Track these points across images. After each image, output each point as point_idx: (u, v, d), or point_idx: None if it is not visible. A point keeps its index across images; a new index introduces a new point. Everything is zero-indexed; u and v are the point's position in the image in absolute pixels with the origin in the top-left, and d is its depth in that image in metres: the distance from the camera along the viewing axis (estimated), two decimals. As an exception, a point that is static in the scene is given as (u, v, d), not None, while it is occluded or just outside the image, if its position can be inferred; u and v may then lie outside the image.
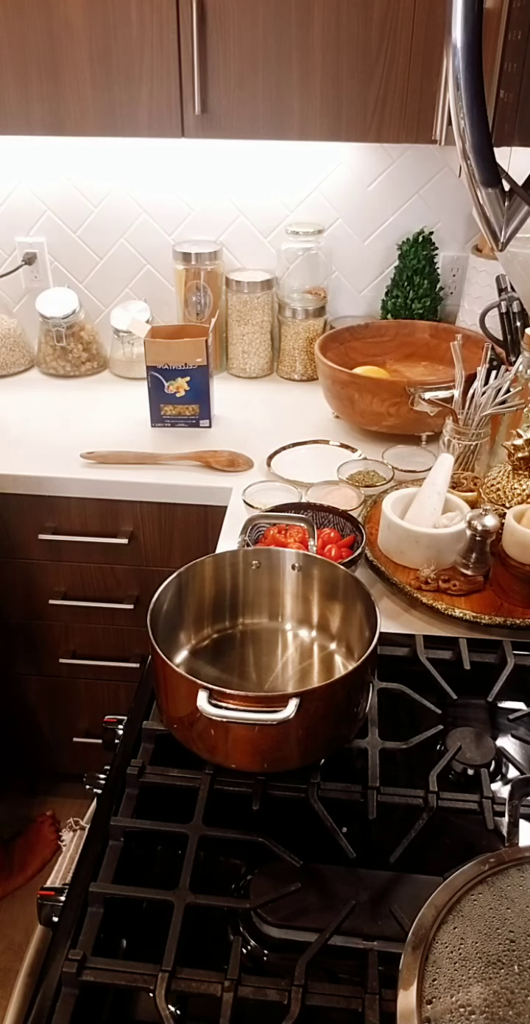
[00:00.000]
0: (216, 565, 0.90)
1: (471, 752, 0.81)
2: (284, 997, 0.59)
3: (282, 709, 0.68)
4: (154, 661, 0.77)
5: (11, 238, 1.85)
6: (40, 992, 0.62)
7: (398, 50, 1.32)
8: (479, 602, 1.04)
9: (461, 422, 1.21)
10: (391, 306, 1.76)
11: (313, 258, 1.77)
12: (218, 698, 0.69)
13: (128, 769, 0.78)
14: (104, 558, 1.53)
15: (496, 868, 0.58)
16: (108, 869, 0.70)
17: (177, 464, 1.45)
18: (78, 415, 1.65)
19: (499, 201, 0.67)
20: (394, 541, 1.10)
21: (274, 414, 1.66)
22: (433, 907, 0.55)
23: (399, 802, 0.76)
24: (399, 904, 0.66)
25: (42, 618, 1.63)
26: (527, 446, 1.06)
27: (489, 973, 0.52)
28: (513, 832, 0.66)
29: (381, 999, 0.59)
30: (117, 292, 1.90)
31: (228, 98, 1.38)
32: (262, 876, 0.70)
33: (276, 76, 1.36)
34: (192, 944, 0.66)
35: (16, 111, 1.43)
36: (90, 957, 0.62)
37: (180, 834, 0.72)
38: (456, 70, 0.59)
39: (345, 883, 0.69)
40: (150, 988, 0.60)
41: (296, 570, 0.91)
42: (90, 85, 1.40)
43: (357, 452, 1.44)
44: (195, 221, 1.80)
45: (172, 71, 1.37)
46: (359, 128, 1.39)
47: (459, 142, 0.63)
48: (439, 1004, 0.50)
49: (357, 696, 0.77)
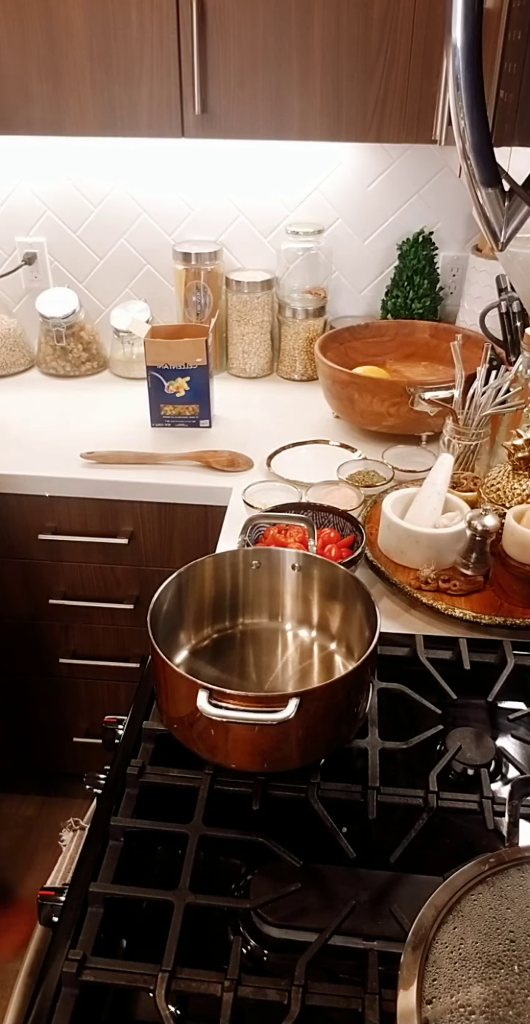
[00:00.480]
0: (216, 565, 0.90)
1: (471, 752, 0.81)
2: (284, 997, 0.59)
3: (282, 709, 0.68)
4: (154, 661, 0.77)
5: (11, 238, 1.85)
6: (40, 992, 0.62)
7: (398, 50, 1.33)
8: (479, 602, 1.04)
9: (461, 422, 1.21)
10: (391, 306, 1.76)
11: (313, 258, 1.77)
12: (218, 698, 0.69)
13: (128, 769, 0.78)
14: (104, 558, 1.53)
15: (496, 868, 0.58)
16: (108, 869, 0.70)
17: (177, 464, 1.45)
18: (78, 415, 1.65)
19: (499, 201, 0.67)
20: (394, 541, 1.10)
21: (274, 414, 1.66)
22: (433, 907, 0.55)
23: (399, 802, 0.76)
24: (399, 904, 0.66)
25: (42, 618, 1.63)
26: (527, 446, 1.06)
27: (489, 973, 0.52)
28: (513, 832, 0.66)
29: (381, 999, 0.59)
30: (117, 292, 1.90)
31: (228, 98, 1.38)
32: (262, 876, 0.70)
33: (276, 76, 1.36)
34: (192, 944, 0.66)
35: (16, 111, 1.43)
36: (90, 957, 0.62)
37: (180, 834, 0.72)
38: (456, 70, 0.59)
39: (345, 883, 0.69)
40: (150, 988, 0.60)
41: (296, 570, 0.91)
42: (90, 85, 1.40)
43: (357, 452, 1.44)
44: (195, 221, 1.80)
45: (172, 71, 1.37)
46: (359, 128, 1.39)
47: (459, 142, 0.63)
48: (439, 1004, 0.50)
49: (357, 696, 0.77)
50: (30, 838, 1.89)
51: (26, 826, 1.91)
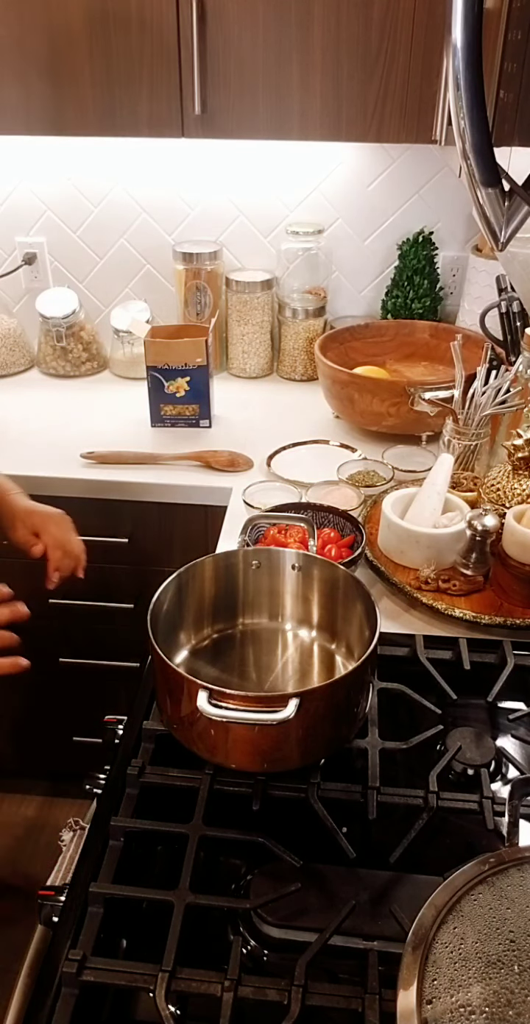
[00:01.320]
0: (216, 565, 0.90)
1: (471, 752, 0.81)
2: (284, 997, 0.59)
3: (282, 709, 0.68)
4: (154, 661, 0.77)
5: (11, 238, 1.85)
6: (40, 992, 0.62)
7: (398, 50, 1.32)
8: (479, 602, 1.04)
9: (461, 422, 1.21)
10: (391, 306, 1.76)
11: (313, 258, 1.77)
12: (218, 698, 0.69)
13: (128, 769, 0.78)
14: (104, 558, 1.52)
15: (496, 868, 0.58)
16: (108, 869, 0.70)
17: (177, 464, 1.45)
18: (78, 415, 1.65)
19: (499, 201, 0.67)
20: (394, 541, 1.10)
21: (274, 414, 1.66)
22: (433, 907, 0.55)
23: (399, 802, 0.76)
24: (399, 904, 0.66)
25: (42, 618, 1.62)
26: (527, 446, 1.06)
27: (489, 973, 0.52)
28: (513, 832, 0.66)
29: (381, 999, 0.60)
30: (117, 292, 1.90)
31: (228, 98, 1.38)
32: (262, 876, 0.70)
33: (276, 76, 1.36)
34: (192, 944, 0.66)
35: (16, 111, 1.43)
36: (90, 957, 0.63)
37: (180, 834, 0.72)
38: (456, 70, 0.59)
39: (345, 883, 0.69)
40: (150, 988, 0.60)
41: (296, 570, 0.91)
42: (90, 85, 1.39)
43: (357, 452, 1.44)
44: (195, 221, 1.80)
45: (172, 71, 1.37)
46: (359, 128, 1.39)
47: (459, 142, 0.63)
48: (439, 1004, 0.50)
49: (357, 696, 0.77)
50: (30, 838, 1.89)
51: (26, 826, 1.91)
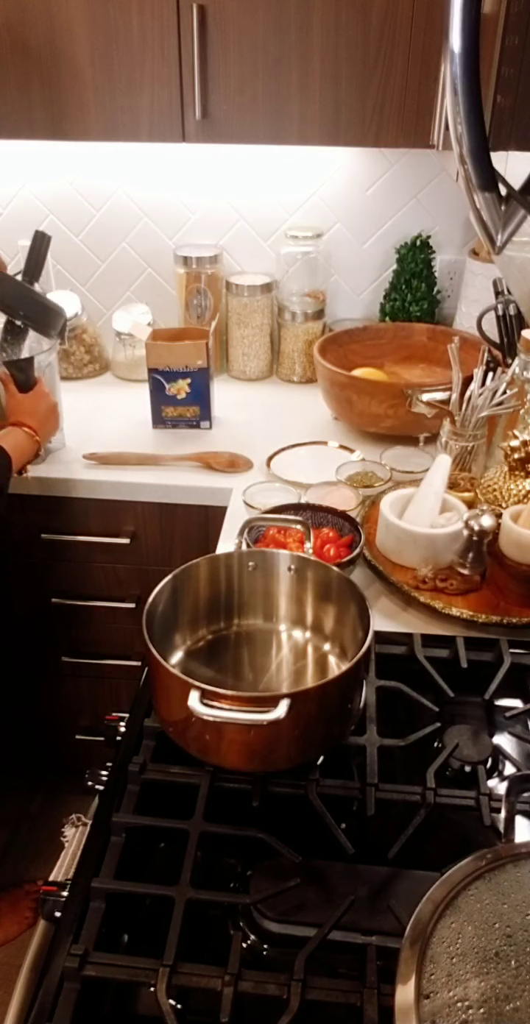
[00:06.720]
0: (211, 567, 0.91)
1: (468, 749, 0.81)
2: (284, 991, 0.60)
3: (273, 709, 0.69)
4: (149, 662, 0.77)
5: (14, 241, 1.85)
6: (42, 987, 0.62)
7: (396, 55, 1.33)
8: (476, 601, 1.04)
9: (458, 423, 1.22)
10: (389, 309, 1.77)
11: (312, 262, 1.78)
12: (210, 698, 0.70)
13: (130, 766, 0.78)
14: (106, 558, 1.53)
15: (493, 864, 0.58)
16: (110, 865, 0.71)
17: (178, 465, 1.46)
18: (80, 416, 1.65)
19: (496, 205, 0.68)
20: (392, 541, 1.11)
21: (274, 416, 1.66)
22: (431, 902, 0.56)
23: (397, 798, 0.76)
24: (397, 899, 0.66)
25: (45, 616, 1.63)
26: (523, 447, 1.07)
27: (486, 968, 0.52)
28: (510, 828, 0.67)
29: (379, 994, 0.60)
30: (119, 295, 1.90)
31: (228, 103, 1.39)
32: (262, 872, 0.70)
33: (276, 81, 1.37)
34: (193, 939, 0.66)
35: (18, 116, 1.43)
36: (92, 952, 0.63)
37: (181, 830, 0.72)
38: (454, 75, 0.60)
39: (344, 879, 0.70)
40: (151, 983, 0.60)
41: (291, 572, 0.92)
42: (92, 90, 1.40)
43: (355, 453, 1.45)
44: (196, 225, 1.81)
45: (173, 76, 1.38)
46: (358, 133, 1.40)
47: (456, 147, 0.64)
48: (437, 999, 0.50)
49: (350, 696, 0.77)
50: (32, 834, 1.89)
51: (29, 822, 1.91)
